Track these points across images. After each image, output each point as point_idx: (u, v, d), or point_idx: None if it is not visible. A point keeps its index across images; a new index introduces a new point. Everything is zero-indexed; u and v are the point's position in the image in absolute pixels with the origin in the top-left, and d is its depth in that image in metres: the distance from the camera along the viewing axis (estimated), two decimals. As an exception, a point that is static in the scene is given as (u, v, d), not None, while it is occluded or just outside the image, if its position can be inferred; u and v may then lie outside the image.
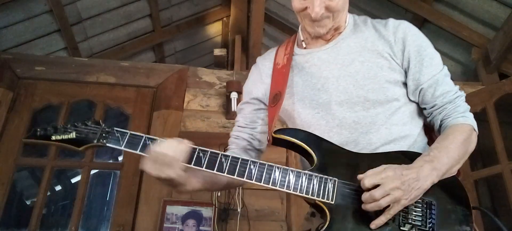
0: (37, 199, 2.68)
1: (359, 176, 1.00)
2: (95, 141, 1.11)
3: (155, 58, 4.68)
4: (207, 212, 2.63)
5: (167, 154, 1.01)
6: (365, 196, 0.97)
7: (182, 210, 2.61)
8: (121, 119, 3.29)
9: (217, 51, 3.66)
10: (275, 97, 1.24)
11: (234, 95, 2.95)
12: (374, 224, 0.98)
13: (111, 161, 3.88)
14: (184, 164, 1.04)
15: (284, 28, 4.64)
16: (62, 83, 3.00)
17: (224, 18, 4.70)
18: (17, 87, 2.94)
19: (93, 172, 3.41)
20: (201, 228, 2.59)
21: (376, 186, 0.96)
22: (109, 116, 3.29)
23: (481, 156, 2.95)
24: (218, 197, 2.68)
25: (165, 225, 2.56)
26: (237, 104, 2.92)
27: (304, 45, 1.28)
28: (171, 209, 2.60)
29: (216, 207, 2.64)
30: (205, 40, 4.97)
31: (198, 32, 4.80)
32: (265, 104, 1.31)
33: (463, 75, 3.59)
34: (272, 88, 1.27)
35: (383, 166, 0.99)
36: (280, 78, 1.26)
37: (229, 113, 2.96)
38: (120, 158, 3.26)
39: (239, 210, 2.64)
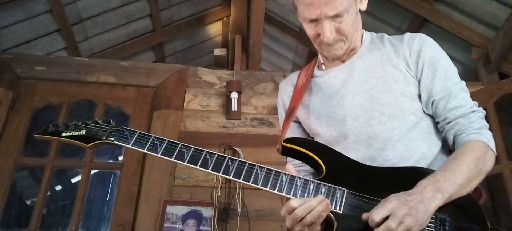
0: (37, 199, 2.68)
1: (364, 216, 0.96)
2: (104, 138, 1.16)
3: (155, 58, 4.69)
4: (207, 212, 2.63)
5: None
6: (379, 230, 0.91)
7: (182, 210, 2.61)
8: (121, 118, 3.28)
9: (217, 51, 3.67)
10: (291, 111, 1.26)
11: (234, 95, 2.95)
12: None
13: (111, 161, 3.87)
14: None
15: (284, 28, 4.64)
16: (62, 83, 3.00)
17: (224, 18, 4.70)
18: (17, 87, 2.94)
19: (93, 172, 3.40)
20: (201, 228, 2.59)
21: (386, 219, 0.92)
22: (109, 116, 3.27)
23: (481, 156, 2.94)
24: (218, 197, 2.68)
25: (165, 225, 2.55)
26: (237, 104, 2.95)
27: (323, 67, 1.31)
28: (171, 209, 2.60)
29: (216, 207, 2.64)
30: (205, 40, 4.98)
31: (198, 32, 4.80)
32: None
33: (463, 75, 3.57)
34: (290, 104, 1.30)
35: (385, 199, 0.96)
36: (298, 95, 1.29)
37: (229, 113, 2.95)
38: (120, 158, 3.25)
39: (239, 210, 2.64)
